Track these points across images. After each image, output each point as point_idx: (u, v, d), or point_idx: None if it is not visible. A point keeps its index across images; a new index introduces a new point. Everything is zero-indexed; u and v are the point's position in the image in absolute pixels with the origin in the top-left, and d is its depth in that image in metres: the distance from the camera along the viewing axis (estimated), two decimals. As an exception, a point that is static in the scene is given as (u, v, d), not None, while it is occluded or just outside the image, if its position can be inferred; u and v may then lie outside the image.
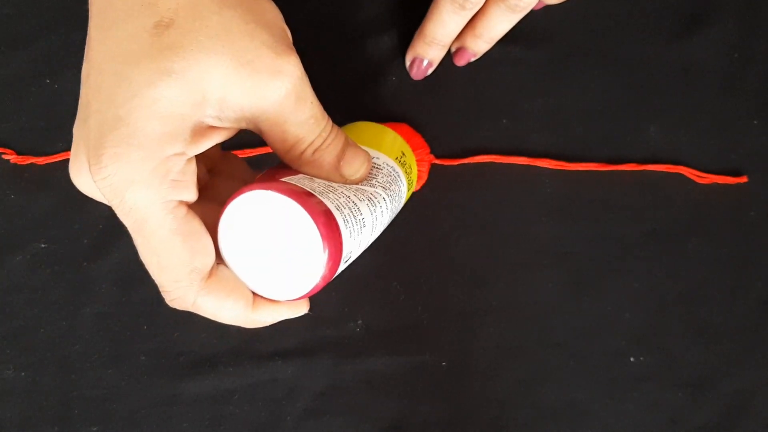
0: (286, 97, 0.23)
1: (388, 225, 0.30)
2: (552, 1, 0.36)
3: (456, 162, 0.38)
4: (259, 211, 0.23)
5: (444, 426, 0.36)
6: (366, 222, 0.25)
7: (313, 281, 0.23)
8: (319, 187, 0.24)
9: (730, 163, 0.38)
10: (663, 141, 0.38)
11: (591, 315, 0.37)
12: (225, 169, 0.28)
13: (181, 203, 0.22)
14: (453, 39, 0.36)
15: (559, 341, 0.37)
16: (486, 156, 0.38)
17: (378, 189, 0.27)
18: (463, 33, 0.36)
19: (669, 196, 0.38)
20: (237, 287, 0.24)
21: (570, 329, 0.37)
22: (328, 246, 0.22)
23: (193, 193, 0.23)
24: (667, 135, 0.38)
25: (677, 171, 0.38)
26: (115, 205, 0.22)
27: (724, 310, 0.37)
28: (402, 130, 0.38)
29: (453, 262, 0.37)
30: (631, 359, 0.37)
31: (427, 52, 0.36)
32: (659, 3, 0.39)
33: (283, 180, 0.24)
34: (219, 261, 0.24)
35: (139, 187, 0.21)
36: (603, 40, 0.39)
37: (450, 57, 0.38)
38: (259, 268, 0.24)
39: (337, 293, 0.37)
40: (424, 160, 0.38)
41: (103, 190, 0.21)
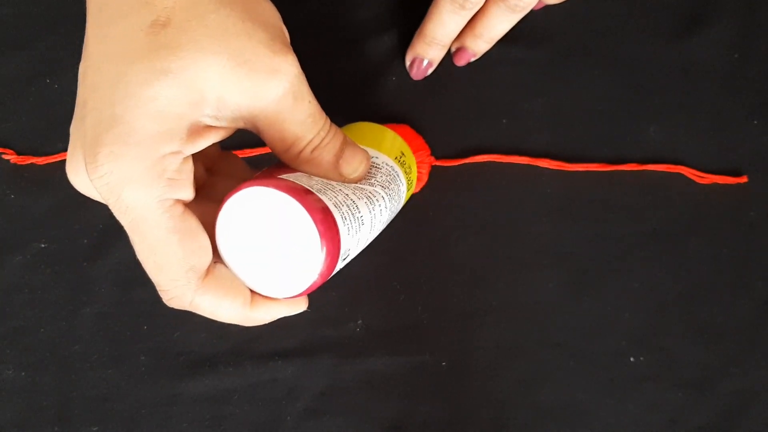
0: (283, 96, 0.23)
1: (387, 225, 0.30)
2: (552, 1, 0.36)
3: (456, 162, 0.38)
4: (257, 208, 0.23)
5: (444, 426, 0.36)
6: (364, 220, 0.25)
7: (311, 278, 0.23)
8: (318, 185, 0.24)
9: (730, 163, 0.38)
10: (663, 141, 0.38)
11: (591, 315, 0.37)
12: (224, 169, 0.28)
13: (178, 202, 0.22)
14: (453, 39, 0.36)
15: (559, 341, 0.37)
16: (486, 156, 0.38)
17: (377, 188, 0.27)
18: (463, 33, 0.36)
19: (669, 196, 0.38)
20: (234, 285, 0.24)
21: (570, 329, 0.37)
22: (325, 243, 0.22)
23: (190, 192, 0.23)
24: (667, 135, 0.38)
25: (677, 171, 0.38)
26: (112, 204, 0.21)
27: (724, 310, 0.37)
28: (403, 131, 0.38)
29: (453, 262, 0.37)
30: (631, 359, 0.37)
31: (427, 52, 0.36)
32: (659, 3, 0.39)
33: (282, 177, 0.24)
34: (216, 259, 0.24)
35: (136, 186, 0.21)
36: (603, 40, 0.39)
37: (450, 57, 0.38)
38: (257, 265, 0.24)
39: (337, 293, 0.37)
40: (424, 161, 0.38)
41: (100, 189, 0.21)
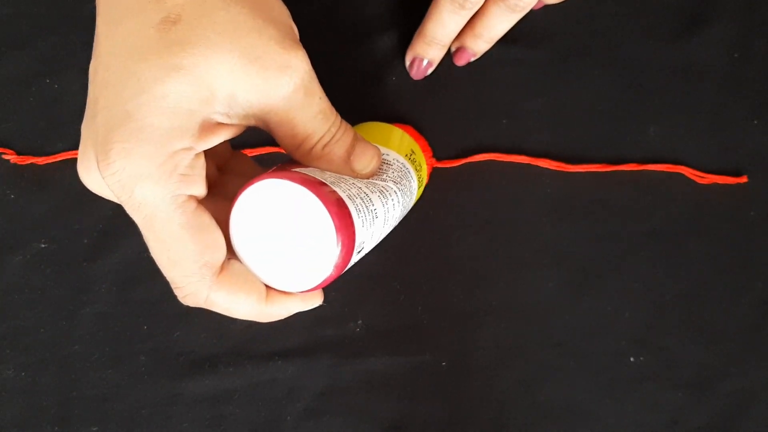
0: (294, 92, 0.23)
1: (400, 221, 0.30)
2: (552, 1, 0.36)
3: (456, 162, 0.38)
4: (272, 200, 0.23)
5: (444, 426, 0.36)
6: (378, 213, 0.25)
7: (327, 271, 0.23)
8: (331, 178, 0.24)
9: (730, 163, 0.38)
10: (663, 141, 0.38)
11: (591, 315, 0.37)
12: (234, 167, 0.28)
13: (191, 198, 0.22)
14: (453, 39, 0.36)
15: (559, 341, 0.37)
16: (486, 156, 0.38)
17: (389, 183, 0.27)
18: (463, 33, 0.36)
19: (669, 196, 0.38)
20: (249, 281, 0.24)
21: (570, 329, 0.37)
22: (341, 235, 0.22)
23: (203, 188, 0.23)
24: (667, 135, 0.38)
25: (677, 171, 0.38)
26: (124, 201, 0.21)
27: (724, 310, 0.37)
28: (404, 131, 0.38)
29: (453, 262, 0.37)
30: (631, 359, 0.37)
31: (427, 51, 0.36)
32: (659, 3, 0.39)
33: (295, 170, 0.23)
34: (230, 255, 0.24)
35: (148, 182, 0.21)
36: (603, 40, 0.39)
37: (450, 57, 0.38)
38: (272, 258, 0.24)
39: (338, 293, 0.37)
40: (425, 163, 0.38)
41: (112, 186, 0.21)
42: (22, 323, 0.37)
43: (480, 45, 0.36)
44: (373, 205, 0.25)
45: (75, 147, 0.37)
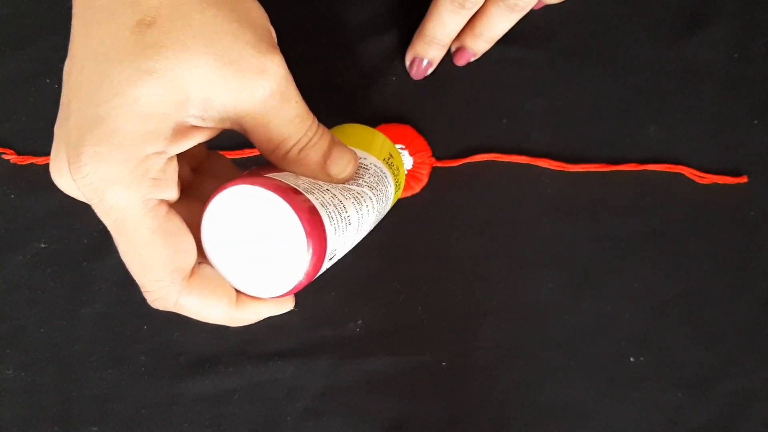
0: (270, 97, 0.22)
1: (376, 225, 0.30)
2: (552, 1, 0.36)
3: (456, 162, 0.38)
4: (243, 206, 0.23)
5: (444, 426, 0.36)
6: (351, 220, 0.25)
7: (297, 278, 0.23)
8: (304, 184, 0.24)
9: (730, 163, 0.38)
10: (663, 141, 0.38)
11: (591, 315, 0.37)
12: (210, 169, 0.28)
13: (162, 202, 0.22)
14: (453, 39, 0.36)
15: (559, 341, 0.37)
16: (486, 156, 0.38)
17: (365, 188, 0.27)
18: (463, 33, 0.36)
19: (669, 196, 0.38)
20: (220, 285, 0.24)
21: (570, 329, 0.37)
22: (312, 242, 0.22)
23: (175, 192, 0.23)
24: (667, 135, 0.38)
25: (677, 171, 0.38)
26: (95, 204, 0.21)
27: (724, 310, 0.37)
28: (405, 131, 0.38)
29: (453, 262, 0.37)
30: (631, 359, 0.37)
31: (427, 51, 0.36)
32: (659, 3, 0.39)
33: (268, 176, 0.23)
34: (201, 259, 0.24)
35: (119, 187, 0.21)
36: (603, 40, 0.39)
37: (450, 57, 0.38)
38: (242, 264, 0.24)
39: (337, 293, 0.37)
40: (424, 162, 0.38)
41: (83, 189, 0.21)
42: (22, 323, 0.37)
43: (480, 45, 0.36)
44: (347, 212, 0.25)
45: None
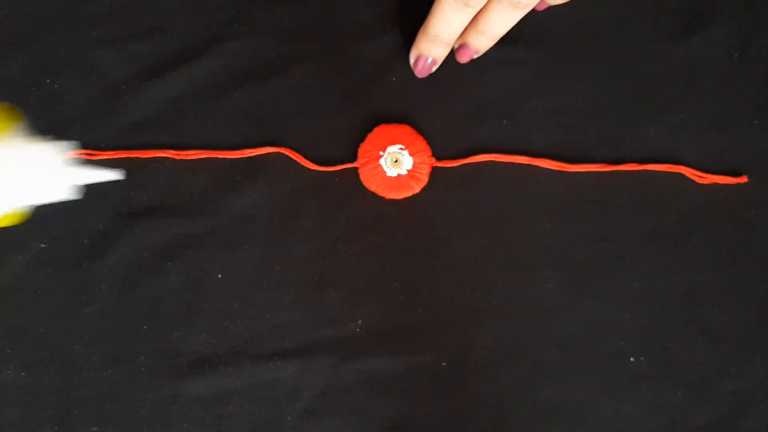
0: None
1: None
2: (555, 2, 0.36)
3: (456, 163, 0.38)
4: None
5: (444, 426, 0.36)
6: None
7: None
8: None
9: (730, 163, 0.38)
10: (663, 141, 0.38)
11: (591, 315, 0.37)
12: None
13: None
14: (457, 36, 0.36)
15: (559, 341, 0.37)
16: (486, 156, 0.38)
17: None
18: (466, 30, 0.36)
19: (669, 196, 0.38)
20: None
21: (570, 329, 0.37)
22: None
23: None
24: (667, 135, 0.38)
25: (677, 171, 0.38)
26: None
27: (724, 310, 0.37)
28: (405, 131, 0.38)
29: (453, 262, 0.37)
30: (631, 359, 0.37)
31: (431, 50, 0.36)
32: (659, 3, 0.39)
33: None
34: None
35: None
36: (603, 40, 0.39)
37: (451, 57, 0.38)
38: None
39: (337, 293, 0.37)
40: (425, 162, 0.38)
41: None
42: (22, 323, 0.37)
43: (483, 42, 0.36)
44: None
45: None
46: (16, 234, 0.38)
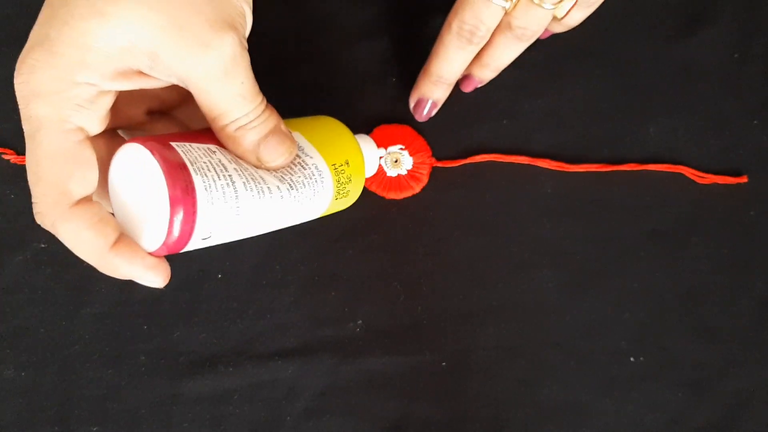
0: (212, 71, 0.24)
1: (291, 225, 0.30)
2: (559, 30, 0.36)
3: (456, 163, 0.38)
4: (133, 161, 0.24)
5: (444, 426, 0.36)
6: (243, 209, 0.26)
7: (161, 234, 0.24)
8: (202, 157, 0.25)
9: (730, 163, 0.38)
10: (663, 141, 0.38)
11: (591, 315, 0.37)
12: (181, 114, 0.29)
13: (80, 129, 0.24)
14: (459, 76, 0.35)
15: (559, 341, 0.37)
16: (486, 156, 0.38)
17: (284, 184, 0.27)
18: (470, 62, 0.35)
19: (669, 196, 0.38)
20: (102, 223, 0.24)
21: (570, 329, 0.37)
22: (176, 202, 0.23)
23: (97, 125, 0.24)
24: (667, 135, 0.38)
25: (677, 171, 0.38)
26: (21, 109, 0.24)
27: (724, 310, 0.37)
28: (404, 131, 0.38)
29: (453, 262, 0.37)
30: (631, 359, 0.37)
31: (433, 91, 0.35)
32: (659, 3, 0.39)
33: (174, 143, 0.25)
34: (100, 198, 0.26)
35: (42, 101, 0.23)
36: (603, 40, 0.39)
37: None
38: (127, 213, 0.25)
39: (337, 293, 0.37)
40: (425, 162, 0.38)
41: (17, 94, 0.23)
42: (22, 323, 0.37)
43: (487, 74, 0.36)
44: (238, 199, 0.25)
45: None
46: (16, 234, 0.38)
